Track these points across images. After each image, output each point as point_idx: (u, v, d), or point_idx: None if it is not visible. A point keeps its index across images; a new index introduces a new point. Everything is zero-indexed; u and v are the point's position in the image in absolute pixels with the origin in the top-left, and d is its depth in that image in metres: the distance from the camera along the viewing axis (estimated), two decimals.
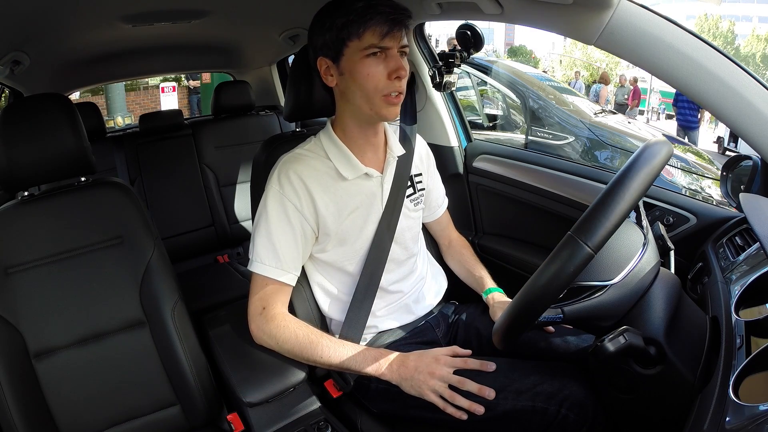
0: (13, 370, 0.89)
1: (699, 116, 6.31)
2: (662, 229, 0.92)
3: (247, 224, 2.13)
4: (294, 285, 0.95)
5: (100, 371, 0.98)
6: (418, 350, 0.89)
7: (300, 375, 0.97)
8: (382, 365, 0.87)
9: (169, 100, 7.47)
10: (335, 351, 0.89)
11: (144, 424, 1.01)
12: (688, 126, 6.31)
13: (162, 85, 7.65)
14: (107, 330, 0.99)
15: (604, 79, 7.76)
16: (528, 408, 0.82)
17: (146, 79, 7.87)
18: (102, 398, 0.98)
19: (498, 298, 1.07)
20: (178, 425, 1.04)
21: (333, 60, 0.88)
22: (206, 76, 6.97)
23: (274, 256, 0.91)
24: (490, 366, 0.85)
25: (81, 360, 0.97)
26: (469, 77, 3.96)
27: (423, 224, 1.17)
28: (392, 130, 1.05)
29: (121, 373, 0.99)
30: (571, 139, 3.59)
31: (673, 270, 0.86)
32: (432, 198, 1.16)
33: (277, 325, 0.91)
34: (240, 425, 0.96)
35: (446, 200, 1.22)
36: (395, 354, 0.88)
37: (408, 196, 1.03)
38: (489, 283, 1.11)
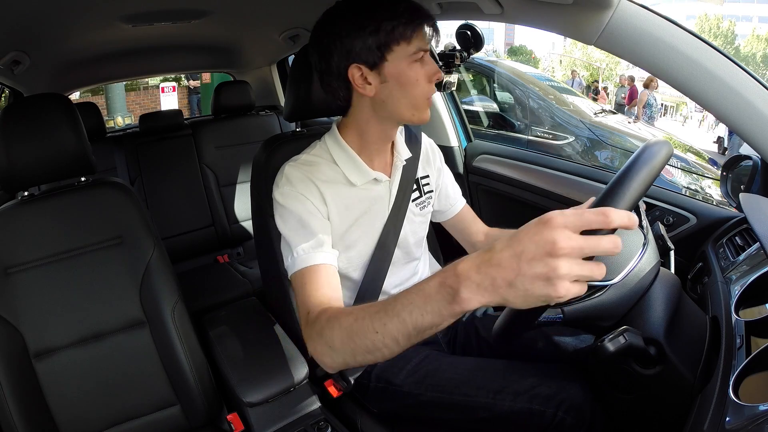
0: (13, 370, 0.89)
1: None
2: (662, 229, 0.92)
3: (247, 224, 2.13)
4: (336, 266, 0.83)
5: (100, 371, 0.98)
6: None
7: (300, 375, 0.97)
8: (461, 293, 0.49)
9: (169, 100, 7.46)
10: (389, 316, 0.57)
11: (144, 424, 1.01)
12: None
13: (162, 85, 7.64)
14: (107, 330, 0.99)
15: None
16: (525, 410, 0.82)
17: (146, 79, 7.87)
18: (102, 398, 0.98)
19: None
20: (178, 425, 1.04)
21: (371, 66, 0.80)
22: (206, 76, 6.97)
23: (315, 239, 0.82)
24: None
25: (81, 360, 0.97)
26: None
27: (445, 226, 1.14)
28: (398, 132, 1.01)
29: (121, 373, 0.99)
30: (571, 139, 3.61)
31: (673, 270, 0.86)
32: (443, 195, 1.10)
33: (322, 326, 0.69)
34: (240, 425, 0.96)
35: (459, 193, 1.14)
36: (465, 262, 0.50)
37: (414, 200, 1.00)
38: None
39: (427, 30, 0.81)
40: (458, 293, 0.49)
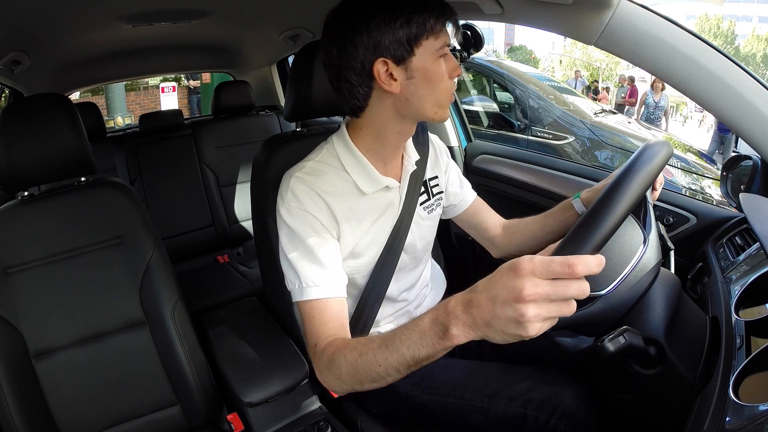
0: (13, 370, 0.89)
1: None
2: (662, 229, 0.92)
3: (247, 224, 2.13)
4: (345, 295, 0.83)
5: (100, 371, 0.98)
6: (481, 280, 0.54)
7: (300, 375, 0.97)
8: (451, 330, 0.55)
9: (169, 100, 7.46)
10: (389, 351, 0.63)
11: (144, 424, 1.01)
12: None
13: (162, 85, 7.64)
14: (107, 330, 0.99)
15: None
16: (519, 414, 0.82)
17: (146, 79, 7.87)
18: (102, 398, 0.98)
19: (585, 194, 0.96)
20: (178, 425, 1.04)
21: (398, 61, 0.76)
22: (206, 76, 6.97)
23: (326, 271, 0.80)
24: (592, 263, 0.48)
25: (81, 360, 0.97)
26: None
27: (459, 223, 1.11)
28: None
29: (121, 373, 0.99)
30: (571, 139, 3.61)
31: (673, 270, 0.86)
32: (451, 189, 1.06)
33: (329, 360, 0.72)
34: (240, 425, 0.97)
35: (469, 186, 1.09)
36: (454, 300, 0.56)
37: (422, 203, 0.96)
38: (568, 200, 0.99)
39: (456, 26, 0.81)
40: (448, 330, 0.55)
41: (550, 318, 0.49)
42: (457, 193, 1.07)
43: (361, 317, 0.92)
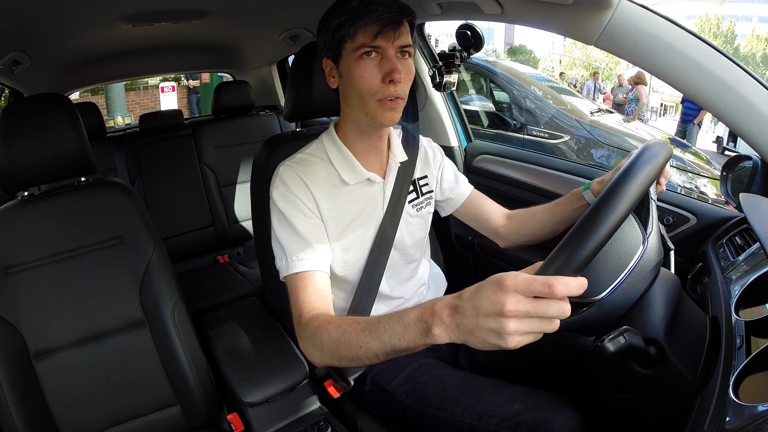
0: (13, 370, 0.89)
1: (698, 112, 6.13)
2: (662, 229, 0.92)
3: (247, 224, 2.13)
4: (327, 270, 0.87)
5: (100, 371, 0.98)
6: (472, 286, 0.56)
7: (300, 375, 0.97)
8: (433, 330, 0.58)
9: (169, 100, 7.46)
10: (372, 336, 0.65)
11: (144, 424, 1.01)
12: (686, 119, 6.25)
13: (162, 85, 7.64)
14: (107, 330, 0.99)
15: (641, 80, 6.53)
16: None
17: (146, 79, 7.87)
18: (102, 398, 0.98)
19: (596, 184, 0.95)
20: (178, 425, 1.04)
21: (334, 61, 0.86)
22: (206, 76, 6.98)
23: (311, 248, 0.85)
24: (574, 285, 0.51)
25: (81, 360, 0.97)
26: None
27: (459, 217, 1.11)
28: (396, 134, 1.01)
29: (121, 373, 0.99)
30: (567, 137, 3.63)
31: (673, 270, 0.86)
32: (446, 185, 1.08)
33: (312, 332, 0.76)
34: (240, 425, 0.97)
35: (465, 180, 1.10)
36: (441, 302, 0.59)
37: (410, 201, 1.00)
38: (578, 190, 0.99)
39: (376, 27, 0.79)
40: (431, 329, 0.58)
41: (531, 333, 0.51)
42: (453, 188, 1.09)
43: (355, 314, 0.92)
